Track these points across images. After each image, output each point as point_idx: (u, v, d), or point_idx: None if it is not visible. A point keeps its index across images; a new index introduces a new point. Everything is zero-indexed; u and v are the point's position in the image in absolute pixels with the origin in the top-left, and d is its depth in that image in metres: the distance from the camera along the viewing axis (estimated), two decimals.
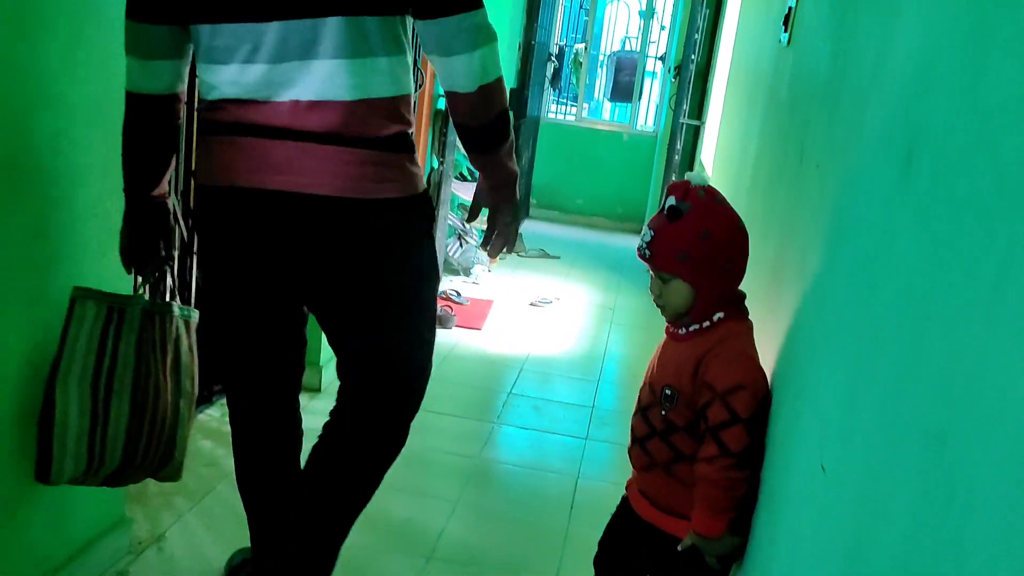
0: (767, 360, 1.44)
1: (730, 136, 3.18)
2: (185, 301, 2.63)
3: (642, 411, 1.51)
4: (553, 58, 7.43)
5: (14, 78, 1.40)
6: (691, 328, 1.45)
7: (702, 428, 1.39)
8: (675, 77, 6.26)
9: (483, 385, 3.48)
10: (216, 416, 2.77)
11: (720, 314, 1.43)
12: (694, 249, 1.39)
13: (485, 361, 3.76)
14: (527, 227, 6.99)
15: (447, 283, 4.85)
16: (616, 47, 9.06)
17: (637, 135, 7.78)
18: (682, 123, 5.28)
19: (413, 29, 1.51)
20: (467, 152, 1.63)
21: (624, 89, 8.04)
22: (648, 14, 7.78)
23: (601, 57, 8.86)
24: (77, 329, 1.58)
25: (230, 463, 2.49)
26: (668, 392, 1.44)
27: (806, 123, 1.53)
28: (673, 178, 5.37)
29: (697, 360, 1.40)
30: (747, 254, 1.45)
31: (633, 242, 7.34)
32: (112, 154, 1.70)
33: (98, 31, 1.59)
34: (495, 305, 4.61)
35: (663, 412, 1.46)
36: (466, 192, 5.23)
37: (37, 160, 1.50)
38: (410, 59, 1.54)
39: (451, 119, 1.81)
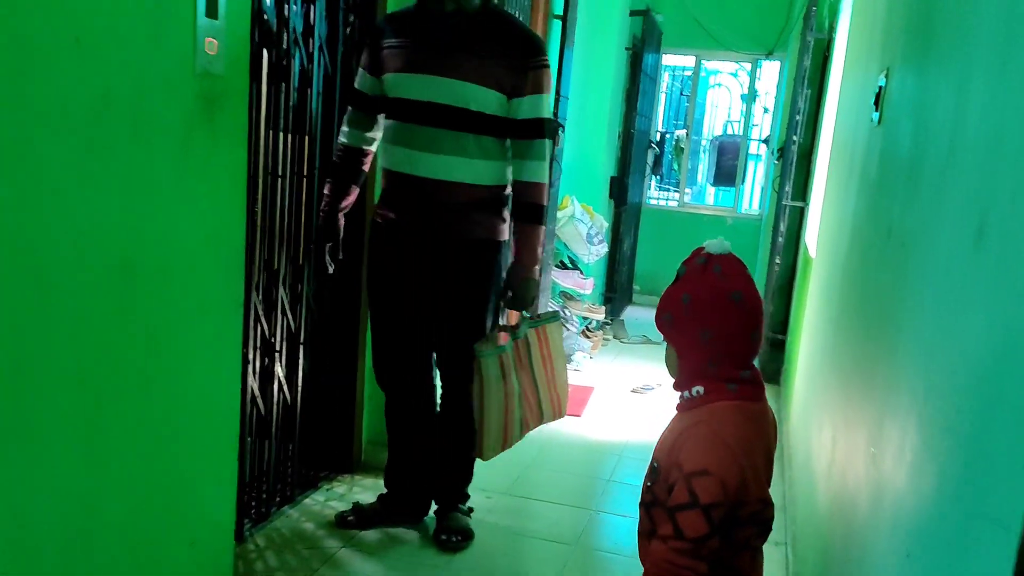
0: (858, 440, 1.39)
1: (830, 216, 3.12)
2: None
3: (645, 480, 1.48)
4: (654, 145, 7.51)
5: (129, 179, 1.53)
6: (681, 398, 1.43)
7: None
8: (779, 159, 6.21)
9: (582, 472, 3.44)
10: (320, 500, 2.83)
11: (700, 388, 1.39)
12: (675, 311, 1.41)
13: (585, 447, 3.72)
14: (629, 313, 6.96)
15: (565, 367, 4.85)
16: (718, 131, 9.09)
17: (741, 219, 7.71)
18: (785, 205, 5.21)
19: None
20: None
21: (727, 173, 8.04)
22: (750, 97, 7.80)
23: (703, 142, 8.90)
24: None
25: (331, 546, 2.55)
26: (655, 465, 1.43)
27: (892, 200, 1.51)
28: (777, 260, 5.28)
29: (676, 436, 1.38)
30: (740, 329, 1.38)
31: None
32: (218, 248, 1.82)
33: (209, 137, 1.73)
34: (596, 391, 4.57)
35: (649, 484, 1.43)
36: (566, 279, 5.28)
37: (145, 258, 1.61)
38: None
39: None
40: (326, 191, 2.59)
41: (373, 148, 2.55)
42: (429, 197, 2.39)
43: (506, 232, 2.52)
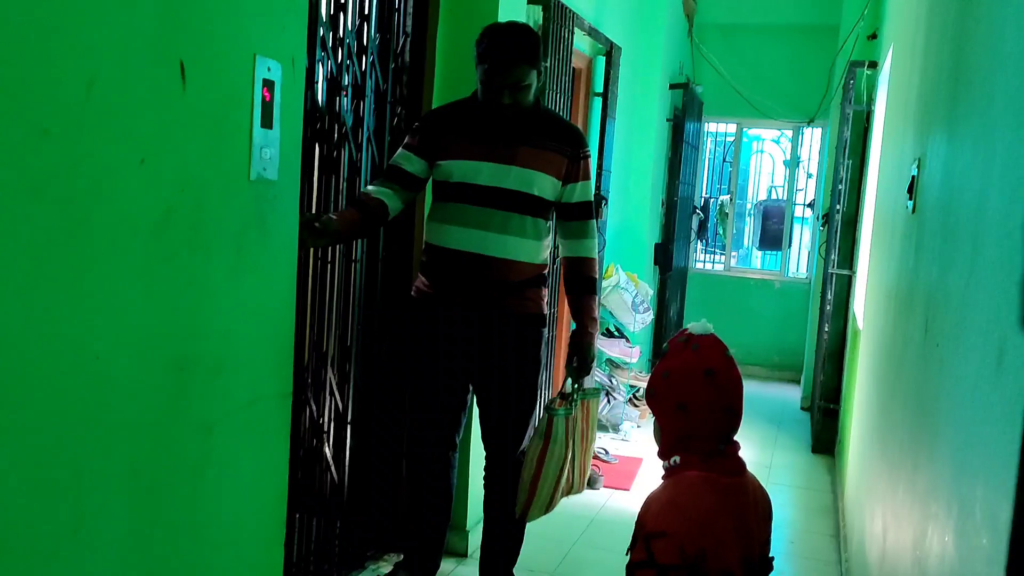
0: (905, 540, 1.38)
1: (875, 291, 3.11)
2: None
3: None
4: (698, 210, 7.54)
5: (187, 283, 1.61)
6: (663, 468, 1.54)
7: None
8: (823, 225, 6.19)
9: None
10: None
11: (676, 458, 1.50)
12: (657, 387, 1.54)
13: (632, 522, 3.68)
14: None
15: (595, 440, 4.84)
16: (762, 196, 9.08)
17: (789, 282, 7.65)
18: (832, 273, 5.18)
19: None
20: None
21: (773, 237, 8.01)
22: (793, 163, 7.81)
23: (748, 206, 8.90)
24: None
25: None
26: (635, 530, 1.49)
27: (928, 298, 1.52)
28: (826, 328, 5.23)
29: (648, 501, 1.49)
30: (714, 404, 1.49)
31: (791, 392, 7.06)
32: (269, 343, 1.89)
33: (262, 237, 1.81)
34: (644, 463, 4.54)
35: (628, 550, 1.48)
36: (612, 348, 5.29)
37: (200, 357, 1.68)
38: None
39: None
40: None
41: (389, 218, 2.58)
42: (492, 275, 2.52)
43: (547, 306, 2.68)
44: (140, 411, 1.53)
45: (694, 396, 1.48)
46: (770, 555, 1.56)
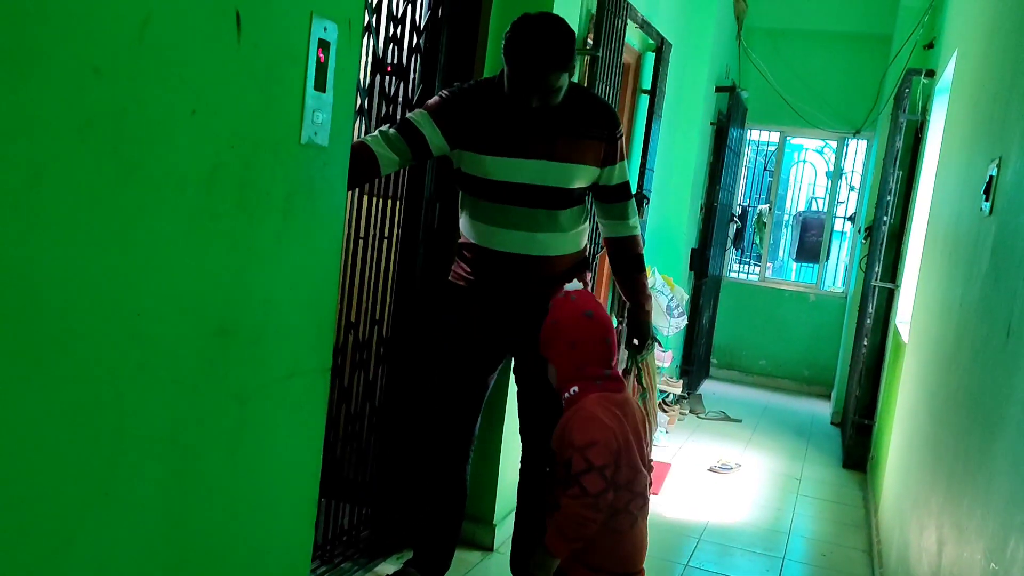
0: (974, 552, 1.29)
1: (928, 303, 3.01)
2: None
3: None
4: (736, 218, 7.42)
5: (232, 247, 1.55)
6: (564, 400, 1.92)
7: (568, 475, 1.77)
8: (866, 238, 6.06)
9: (658, 555, 3.32)
10: (389, 570, 2.78)
11: (575, 388, 1.89)
12: (550, 336, 1.94)
13: (661, 528, 3.60)
14: (707, 388, 6.80)
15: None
16: (802, 207, 8.94)
17: (825, 296, 7.51)
18: (874, 285, 5.06)
19: None
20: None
21: (810, 249, 7.87)
22: (835, 175, 7.67)
23: (786, 217, 8.76)
24: None
25: None
26: (552, 450, 1.87)
27: (1013, 298, 1.43)
28: (865, 342, 5.10)
29: (563, 426, 1.86)
30: (596, 337, 1.91)
31: (821, 407, 6.95)
32: (310, 315, 1.84)
33: (309, 206, 1.76)
34: (672, 469, 4.45)
35: (548, 468, 1.88)
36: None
37: (241, 323, 1.62)
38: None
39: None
40: None
41: (380, 175, 2.37)
42: (539, 272, 2.47)
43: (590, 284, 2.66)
44: (178, 373, 1.47)
45: (581, 333, 1.88)
46: (650, 458, 2.01)
